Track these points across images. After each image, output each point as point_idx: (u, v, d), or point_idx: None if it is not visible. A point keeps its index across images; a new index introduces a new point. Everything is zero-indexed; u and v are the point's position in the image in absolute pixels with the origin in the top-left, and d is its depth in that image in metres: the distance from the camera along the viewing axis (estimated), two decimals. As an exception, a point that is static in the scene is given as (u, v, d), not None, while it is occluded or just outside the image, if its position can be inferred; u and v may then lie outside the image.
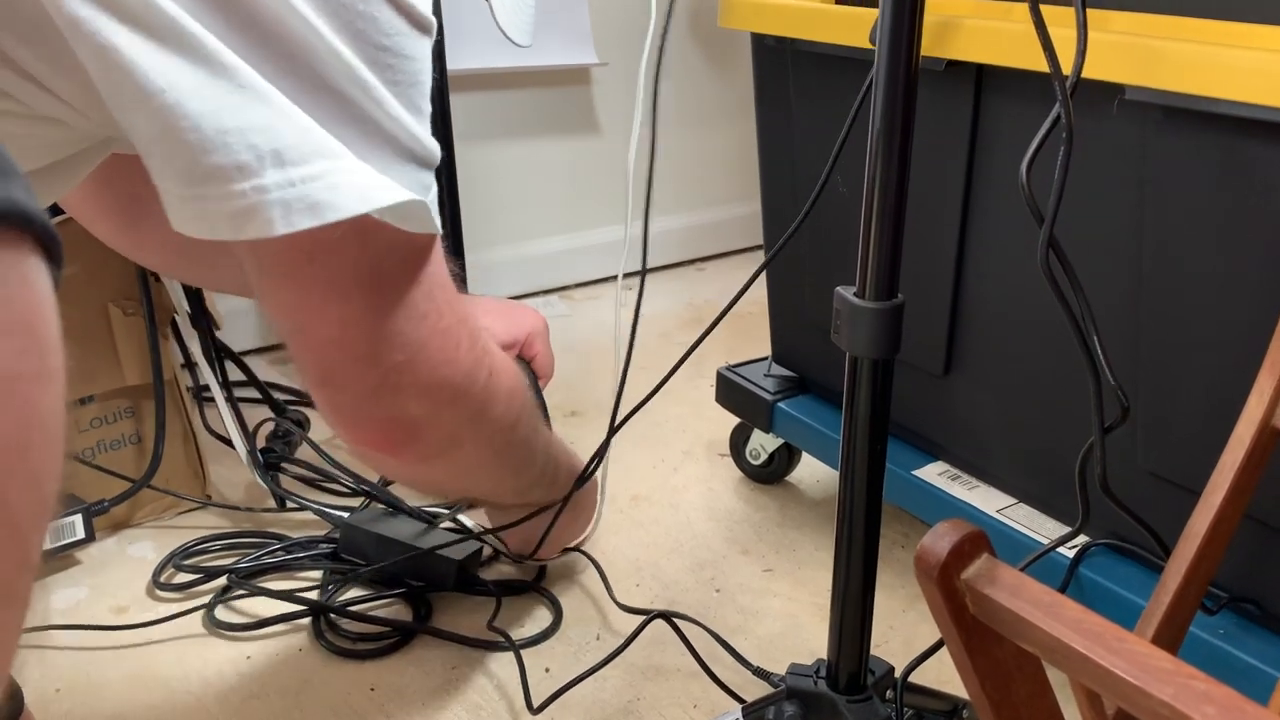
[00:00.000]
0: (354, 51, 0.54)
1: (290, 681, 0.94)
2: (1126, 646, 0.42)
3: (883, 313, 0.67)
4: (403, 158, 0.58)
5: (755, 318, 1.24)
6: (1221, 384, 0.77)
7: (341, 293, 0.63)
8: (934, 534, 0.48)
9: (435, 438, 0.74)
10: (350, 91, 0.55)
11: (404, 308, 0.65)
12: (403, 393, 0.68)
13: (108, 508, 1.11)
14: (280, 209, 0.52)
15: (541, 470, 0.91)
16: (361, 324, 0.64)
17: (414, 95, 0.58)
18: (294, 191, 0.52)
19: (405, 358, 0.66)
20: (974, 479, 1.01)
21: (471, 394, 0.73)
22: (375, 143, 0.57)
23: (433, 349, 0.68)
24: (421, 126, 0.59)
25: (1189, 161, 0.75)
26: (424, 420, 0.71)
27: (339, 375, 0.66)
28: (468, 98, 1.70)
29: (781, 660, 0.95)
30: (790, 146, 1.10)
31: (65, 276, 1.06)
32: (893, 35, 0.63)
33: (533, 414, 0.85)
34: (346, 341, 0.65)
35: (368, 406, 0.68)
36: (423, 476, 0.82)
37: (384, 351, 0.65)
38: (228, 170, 0.51)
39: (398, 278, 0.64)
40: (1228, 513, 0.64)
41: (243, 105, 0.51)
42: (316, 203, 0.53)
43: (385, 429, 0.70)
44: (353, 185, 0.54)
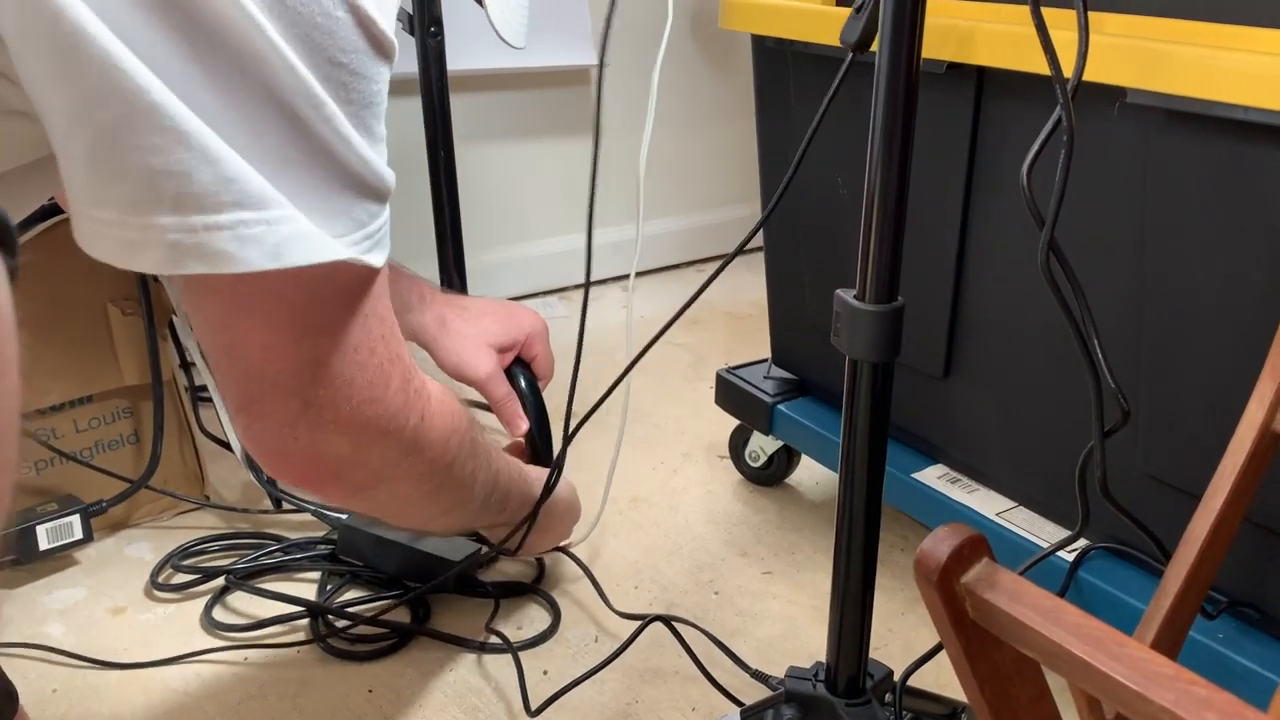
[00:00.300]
0: (308, 65, 0.51)
1: (288, 683, 0.94)
2: (1127, 652, 0.42)
3: (883, 315, 0.66)
4: (348, 185, 0.55)
5: (755, 320, 1.24)
6: (1222, 387, 0.77)
7: (267, 318, 0.60)
8: (934, 538, 0.47)
9: (358, 475, 0.70)
10: (300, 107, 0.52)
11: (334, 337, 0.62)
12: (324, 428, 0.64)
13: (106, 508, 1.11)
14: (171, 250, 0.50)
15: (483, 504, 0.87)
16: (286, 351, 0.61)
17: (367, 117, 0.55)
18: (192, 238, 0.50)
19: (329, 392, 0.63)
20: (973, 482, 1.01)
21: (399, 434, 0.69)
22: (320, 167, 0.54)
23: (359, 385, 0.64)
24: (374, 151, 0.56)
25: (1190, 165, 0.75)
26: (347, 458, 0.68)
27: (259, 403, 0.63)
28: (468, 98, 1.69)
29: (780, 663, 0.95)
30: (790, 148, 1.10)
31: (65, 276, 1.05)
32: (894, 38, 0.63)
33: (474, 452, 0.81)
34: (269, 368, 0.61)
35: (288, 438, 0.64)
36: (354, 509, 0.80)
37: (308, 382, 0.62)
38: (120, 203, 0.50)
39: (330, 307, 0.61)
40: (1228, 517, 0.64)
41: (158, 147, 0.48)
42: (215, 253, 0.51)
43: (305, 463, 0.67)
44: (267, 240, 0.51)
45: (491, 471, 0.86)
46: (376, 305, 0.64)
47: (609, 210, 1.93)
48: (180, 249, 0.50)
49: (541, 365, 1.07)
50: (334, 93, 0.53)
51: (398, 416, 0.68)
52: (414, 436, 0.71)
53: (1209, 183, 0.74)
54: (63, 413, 1.10)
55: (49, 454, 1.09)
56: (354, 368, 0.63)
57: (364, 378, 0.64)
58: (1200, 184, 0.75)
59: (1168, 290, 0.79)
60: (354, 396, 0.64)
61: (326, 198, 0.54)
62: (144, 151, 0.48)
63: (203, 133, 0.49)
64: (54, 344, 1.07)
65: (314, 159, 0.53)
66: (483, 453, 0.84)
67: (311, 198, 0.54)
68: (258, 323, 0.60)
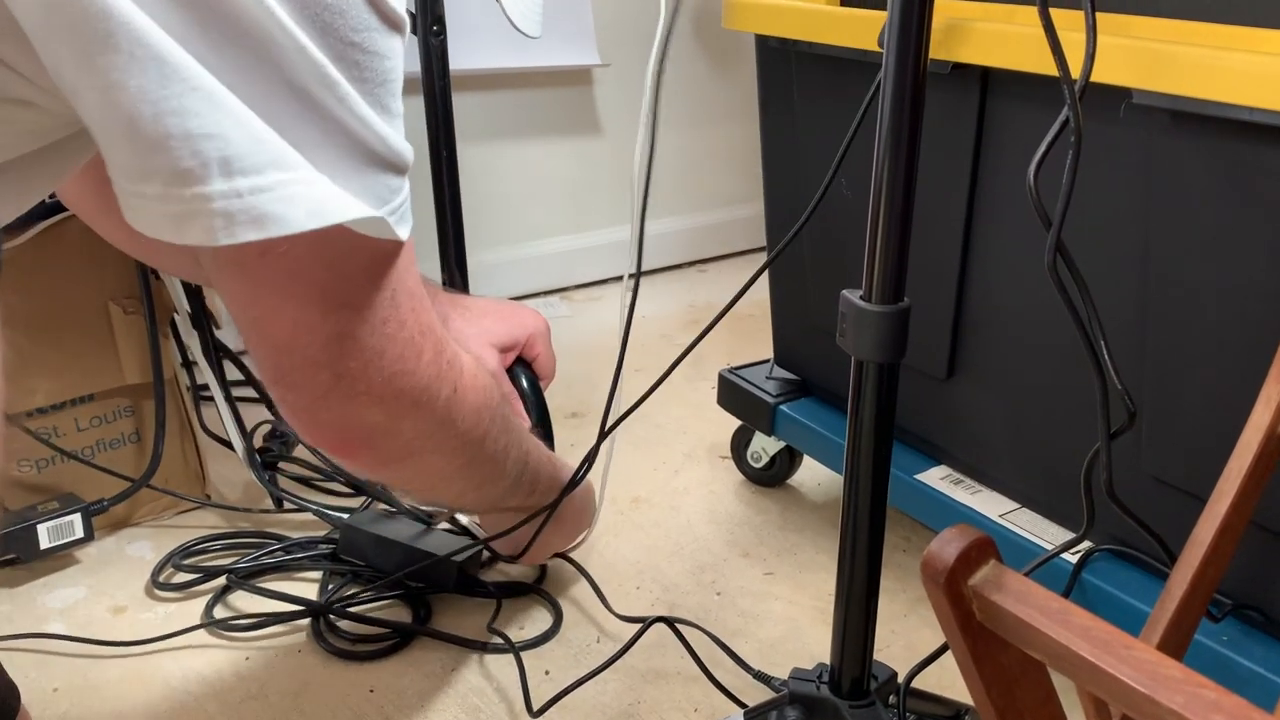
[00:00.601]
0: (320, 46, 0.52)
1: (289, 682, 0.94)
2: (1135, 654, 0.42)
3: (889, 316, 0.66)
4: (368, 162, 0.56)
5: (757, 320, 1.24)
6: (1227, 389, 0.77)
7: (296, 291, 0.60)
8: (941, 540, 0.47)
9: (392, 446, 0.71)
10: (314, 89, 0.52)
11: (361, 312, 0.63)
12: (357, 399, 0.65)
13: (107, 507, 1.11)
14: (222, 219, 0.50)
15: (514, 482, 0.88)
16: (315, 325, 0.62)
17: (382, 95, 0.56)
18: (239, 203, 0.50)
19: (359, 364, 0.64)
20: (977, 483, 1.01)
21: (431, 406, 0.70)
22: (338, 146, 0.54)
23: (390, 357, 0.65)
24: (391, 127, 0.57)
25: (1196, 166, 0.75)
26: (381, 428, 0.69)
27: (291, 376, 0.64)
28: (470, 98, 1.69)
29: (782, 664, 0.94)
30: (794, 148, 1.10)
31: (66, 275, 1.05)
32: (900, 39, 0.62)
33: (505, 429, 0.82)
34: (298, 343, 0.62)
35: (321, 409, 0.65)
36: (384, 480, 0.81)
37: (337, 356, 0.63)
38: (167, 175, 0.50)
39: (357, 282, 0.62)
40: (1233, 520, 0.64)
41: (192, 109, 0.49)
42: (263, 215, 0.51)
43: (339, 433, 0.68)
44: (306, 199, 0.52)
45: (522, 450, 0.87)
46: (404, 279, 0.65)
47: (614, 209, 1.94)
48: (229, 216, 0.50)
49: (543, 365, 1.07)
50: (348, 73, 0.53)
51: (430, 388, 0.69)
52: (446, 409, 0.71)
53: (1214, 183, 0.74)
54: (64, 411, 1.09)
55: (49, 452, 1.08)
56: (384, 340, 0.64)
57: (395, 350, 0.65)
58: (1206, 185, 0.75)
59: (1173, 291, 0.79)
60: (385, 369, 0.65)
61: (347, 175, 0.55)
62: (181, 114, 0.49)
63: (228, 96, 0.50)
64: (55, 342, 1.07)
65: (332, 139, 0.54)
66: (514, 431, 0.85)
67: (332, 174, 0.54)
68: (285, 299, 0.61)
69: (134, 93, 0.48)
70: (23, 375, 1.06)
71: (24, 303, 1.04)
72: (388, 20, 0.55)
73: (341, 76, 0.53)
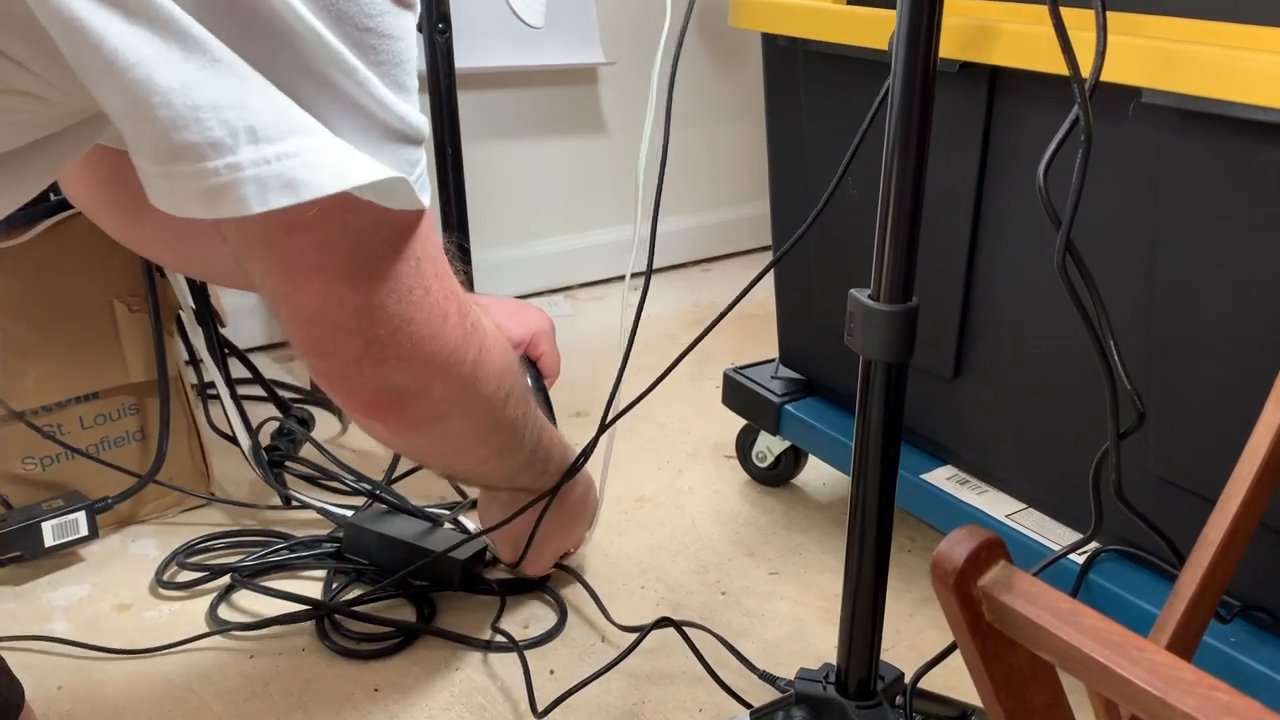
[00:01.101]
0: (336, 34, 0.53)
1: (293, 681, 0.94)
2: (1147, 656, 0.42)
3: (897, 315, 0.66)
4: (388, 137, 0.58)
5: (762, 319, 1.24)
6: (1237, 390, 0.77)
7: (323, 266, 0.62)
8: (950, 540, 0.47)
9: (421, 408, 0.74)
10: (333, 75, 0.54)
11: (388, 282, 0.65)
12: (387, 364, 0.68)
13: (111, 504, 1.10)
14: (255, 187, 0.51)
15: (531, 455, 0.90)
16: (343, 297, 0.64)
17: (398, 74, 0.57)
18: (269, 169, 0.51)
19: (389, 331, 0.66)
20: (983, 483, 1.01)
21: (459, 369, 0.73)
22: (359, 124, 0.56)
23: (418, 323, 0.68)
24: (407, 104, 0.58)
25: (1205, 165, 0.74)
26: (410, 390, 0.71)
27: (323, 345, 0.66)
28: (475, 96, 1.69)
29: (787, 664, 0.94)
30: (800, 147, 1.10)
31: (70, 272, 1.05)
32: (910, 39, 0.62)
33: (524, 397, 0.85)
34: (328, 314, 0.64)
35: (354, 374, 0.68)
36: (411, 444, 0.82)
37: (367, 324, 0.65)
38: (200, 147, 0.50)
39: (382, 252, 0.64)
40: (1243, 520, 0.64)
41: (216, 80, 0.50)
42: (292, 180, 0.52)
43: (371, 396, 0.70)
44: (330, 163, 0.53)
45: (537, 425, 0.89)
46: (426, 246, 0.67)
47: (618, 208, 1.93)
48: (261, 183, 0.51)
49: (547, 363, 1.07)
50: (364, 57, 0.54)
51: (457, 351, 0.72)
52: (473, 370, 0.74)
53: (1224, 183, 0.74)
54: (68, 409, 1.09)
55: (54, 450, 1.08)
56: (411, 307, 0.66)
57: (422, 315, 0.67)
58: (1215, 184, 0.74)
59: (1181, 291, 0.79)
60: (414, 334, 0.67)
61: (370, 144, 0.57)
62: (206, 85, 0.50)
63: (246, 68, 0.51)
64: (60, 340, 1.07)
65: (352, 118, 0.55)
66: (530, 403, 0.87)
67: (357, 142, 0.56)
68: (314, 273, 0.62)
69: (159, 66, 0.49)
70: (27, 372, 1.05)
71: (29, 300, 1.04)
72: (399, 0, 0.56)
73: (359, 62, 0.54)
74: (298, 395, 1.41)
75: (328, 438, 1.33)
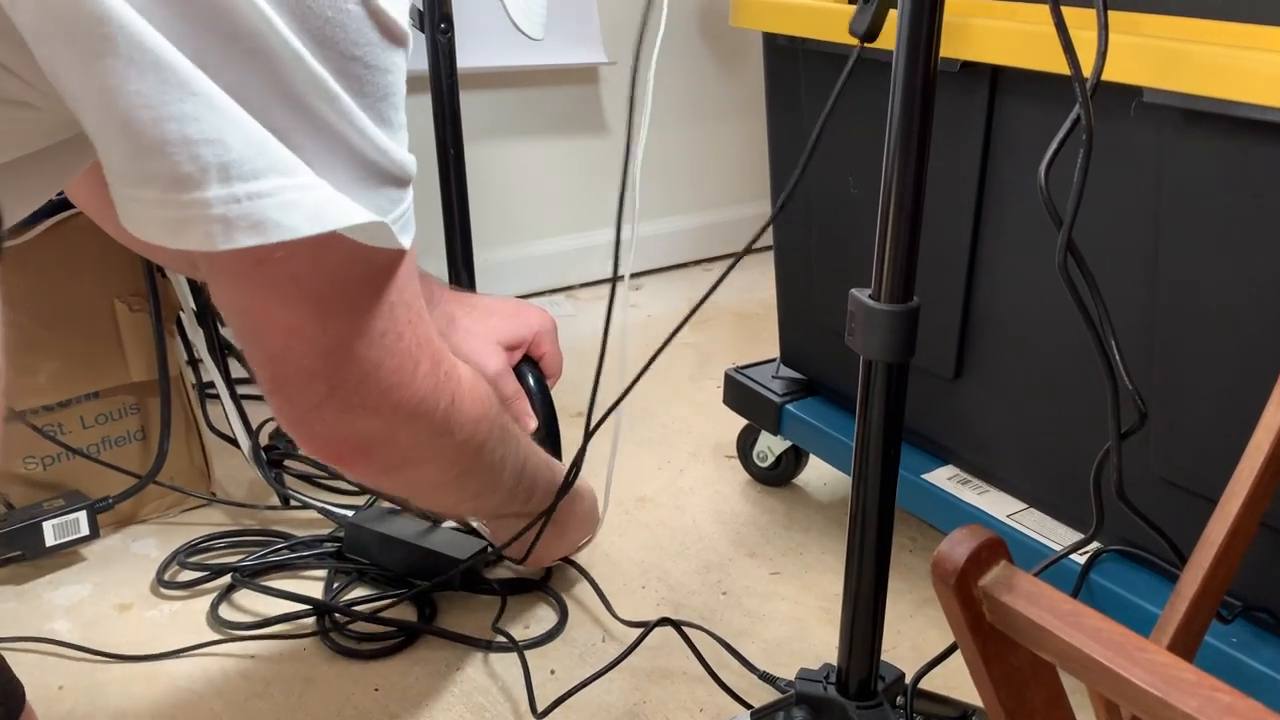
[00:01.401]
0: (320, 60, 0.51)
1: (294, 681, 0.94)
2: (1148, 657, 0.42)
3: (898, 315, 0.66)
4: (369, 174, 0.55)
5: (764, 319, 1.24)
6: (1238, 390, 0.77)
7: (291, 302, 0.60)
8: (951, 541, 0.47)
9: (388, 456, 0.71)
10: (314, 102, 0.52)
11: (358, 324, 0.62)
12: (352, 411, 0.65)
13: (112, 504, 1.10)
14: (221, 225, 0.50)
15: (511, 491, 0.88)
16: (310, 337, 0.61)
17: (384, 108, 0.55)
18: (238, 209, 0.50)
19: (355, 376, 0.63)
20: (984, 483, 1.01)
21: (429, 418, 0.70)
22: (339, 158, 0.54)
23: (387, 370, 0.65)
24: (393, 140, 0.56)
25: (1207, 164, 0.74)
26: (376, 438, 0.69)
27: (285, 386, 0.64)
28: (476, 96, 1.69)
29: (788, 664, 0.94)
30: (801, 146, 1.10)
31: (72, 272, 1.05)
32: (911, 37, 0.62)
33: (504, 438, 0.82)
34: (293, 353, 0.62)
35: (315, 420, 0.65)
36: (384, 488, 0.81)
37: (333, 368, 0.63)
38: (165, 180, 0.49)
39: (354, 293, 0.61)
40: (1244, 521, 0.63)
41: (190, 114, 0.48)
42: (261, 221, 0.50)
43: (334, 443, 0.68)
44: (307, 204, 0.52)
45: (520, 458, 0.87)
46: (403, 291, 0.64)
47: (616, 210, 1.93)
48: (227, 222, 0.50)
49: (550, 363, 1.07)
50: (348, 86, 0.53)
51: (427, 400, 0.69)
52: (444, 420, 0.71)
53: (1226, 183, 0.74)
54: (69, 408, 1.09)
55: (55, 450, 1.08)
56: (381, 352, 0.64)
57: (392, 362, 0.65)
58: (1217, 184, 0.74)
59: (1183, 291, 0.79)
60: (382, 381, 0.65)
61: (347, 185, 0.55)
62: (180, 120, 0.48)
63: (228, 102, 0.50)
64: (61, 339, 1.07)
65: (332, 150, 0.53)
66: (511, 439, 0.85)
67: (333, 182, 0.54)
68: (282, 308, 0.60)
69: (132, 97, 0.48)
70: (28, 372, 1.06)
71: (30, 300, 1.04)
72: (389, 35, 0.54)
73: (342, 90, 0.53)
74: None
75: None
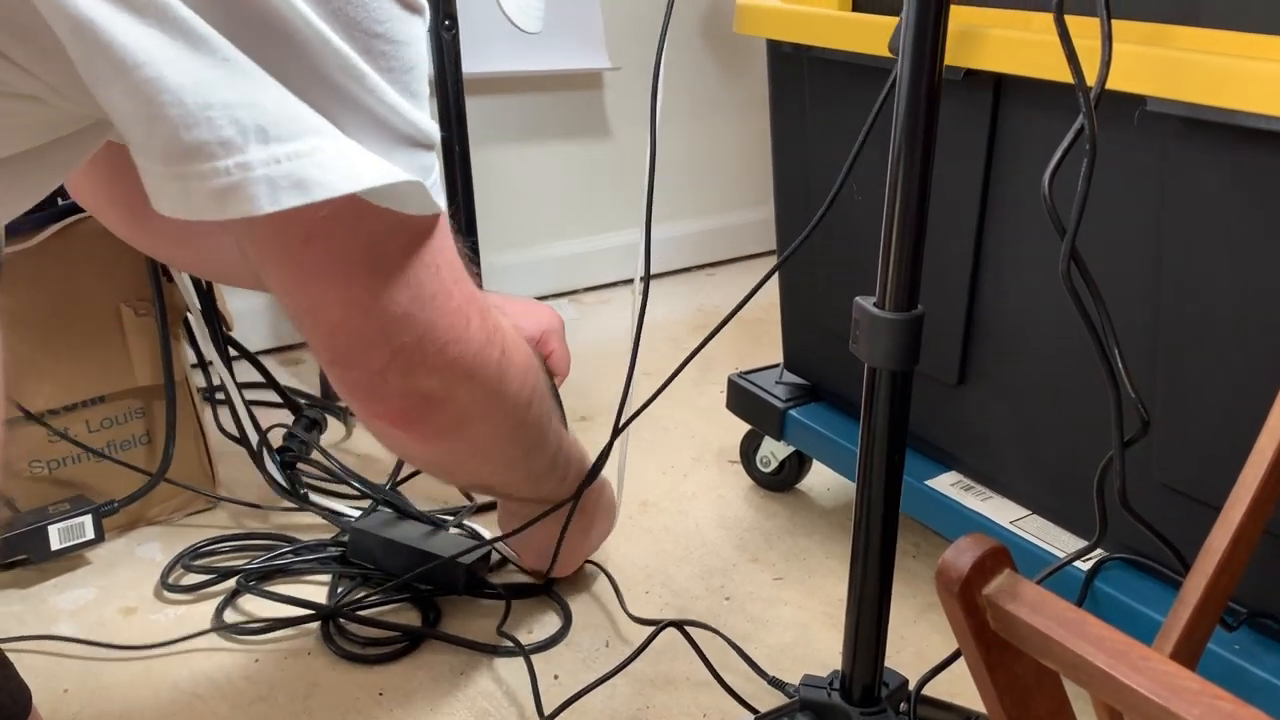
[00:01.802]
0: (346, 40, 0.53)
1: (298, 685, 0.94)
2: (1151, 665, 0.42)
3: (903, 324, 0.66)
4: (401, 143, 0.57)
5: (767, 324, 1.24)
6: (1241, 396, 0.77)
7: (342, 276, 0.62)
8: (956, 549, 0.47)
9: (449, 414, 0.73)
10: (343, 82, 0.53)
11: (408, 289, 0.64)
12: (414, 371, 0.68)
13: (117, 508, 1.11)
14: (266, 186, 0.51)
15: (554, 458, 0.91)
16: (365, 307, 0.63)
17: (409, 80, 0.57)
18: (280, 169, 0.51)
19: (413, 338, 0.66)
20: (987, 490, 1.01)
21: (485, 371, 0.73)
22: (371, 130, 0.55)
23: (441, 328, 0.67)
24: (419, 110, 0.58)
25: (1209, 173, 0.75)
26: (438, 396, 0.71)
27: (348, 356, 0.66)
28: (481, 101, 1.69)
29: (791, 669, 0.94)
30: (804, 153, 1.10)
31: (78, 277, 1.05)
32: (915, 45, 0.62)
33: (546, 396, 0.85)
34: (351, 324, 0.64)
35: (379, 384, 0.68)
36: (438, 454, 0.82)
37: (391, 333, 0.65)
38: (211, 146, 0.50)
39: (400, 259, 0.63)
40: (1248, 527, 0.64)
41: (226, 79, 0.50)
42: (303, 180, 0.51)
43: (399, 405, 0.70)
44: (343, 164, 0.53)
45: (558, 429, 0.90)
46: (444, 252, 0.66)
47: (623, 212, 1.93)
48: (272, 183, 0.51)
49: (557, 361, 1.06)
50: (374, 64, 0.54)
51: (481, 354, 0.71)
52: (498, 372, 0.74)
53: (1228, 191, 0.74)
54: (75, 413, 1.10)
55: (61, 453, 1.09)
56: (434, 313, 0.66)
57: (445, 320, 0.67)
58: (1219, 192, 0.75)
59: (1185, 299, 0.79)
60: (439, 339, 0.67)
61: (382, 148, 0.56)
62: (215, 84, 0.49)
63: (256, 68, 0.51)
64: (67, 344, 1.07)
65: (364, 126, 0.55)
66: (550, 402, 0.87)
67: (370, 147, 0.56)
68: (333, 284, 0.62)
69: (169, 63, 0.48)
70: (33, 377, 1.06)
71: (36, 304, 1.05)
72: (409, 6, 0.56)
73: (369, 68, 0.54)
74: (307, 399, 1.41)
75: (332, 443, 1.34)
